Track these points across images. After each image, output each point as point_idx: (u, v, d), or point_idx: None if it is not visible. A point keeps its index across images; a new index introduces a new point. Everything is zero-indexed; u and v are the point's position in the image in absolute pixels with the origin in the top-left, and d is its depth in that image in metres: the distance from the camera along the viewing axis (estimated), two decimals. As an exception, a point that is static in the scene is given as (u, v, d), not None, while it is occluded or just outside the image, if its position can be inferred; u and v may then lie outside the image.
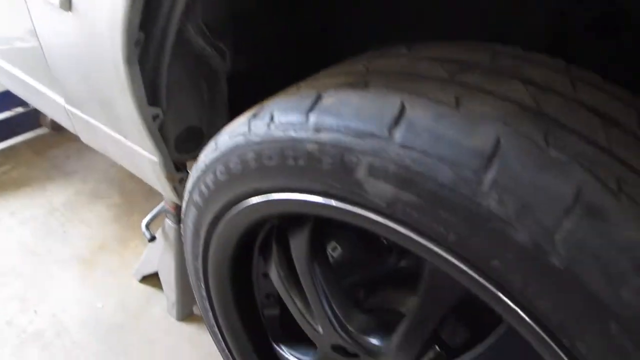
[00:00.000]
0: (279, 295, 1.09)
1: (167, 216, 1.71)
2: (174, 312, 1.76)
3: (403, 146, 0.58)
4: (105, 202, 2.29)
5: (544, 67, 0.66)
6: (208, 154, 0.88)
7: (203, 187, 0.90)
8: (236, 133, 0.80)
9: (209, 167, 0.87)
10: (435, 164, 0.55)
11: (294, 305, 0.96)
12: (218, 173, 0.85)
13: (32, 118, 2.66)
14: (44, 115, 2.67)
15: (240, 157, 0.79)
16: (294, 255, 0.92)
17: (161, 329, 1.72)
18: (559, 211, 0.51)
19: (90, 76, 1.11)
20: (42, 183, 2.41)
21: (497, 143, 0.53)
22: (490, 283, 0.58)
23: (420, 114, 0.58)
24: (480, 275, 0.58)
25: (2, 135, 2.56)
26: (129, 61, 0.93)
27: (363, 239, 0.98)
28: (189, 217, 1.02)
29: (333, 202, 0.69)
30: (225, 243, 0.98)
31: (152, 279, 1.88)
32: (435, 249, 0.60)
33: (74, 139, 2.77)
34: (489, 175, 0.53)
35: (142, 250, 1.96)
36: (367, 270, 0.96)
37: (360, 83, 0.67)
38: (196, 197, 0.96)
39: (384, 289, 0.91)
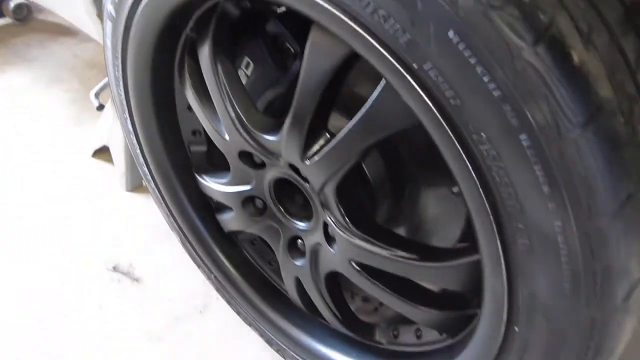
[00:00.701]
0: (203, 129, 1.11)
1: (116, 86, 1.71)
2: (124, 183, 1.79)
3: None
4: (63, 87, 2.29)
5: None
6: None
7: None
8: None
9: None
10: None
11: (206, 117, 0.98)
12: None
13: (-6, 7, 2.62)
14: (7, 5, 2.64)
15: None
16: (201, 60, 0.92)
17: (112, 200, 1.75)
18: None
19: None
20: (2, 67, 2.39)
21: None
22: (351, 19, 0.59)
23: None
24: (341, 12, 0.59)
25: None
26: None
27: (272, 52, 0.98)
28: (107, 36, 1.02)
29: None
30: (141, 57, 0.98)
31: (105, 155, 1.89)
32: None
33: (36, 29, 2.76)
34: None
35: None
36: (277, 80, 0.97)
37: None
38: (109, 8, 0.96)
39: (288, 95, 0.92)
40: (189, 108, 1.11)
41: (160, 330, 1.33)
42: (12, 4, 2.64)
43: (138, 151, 1.18)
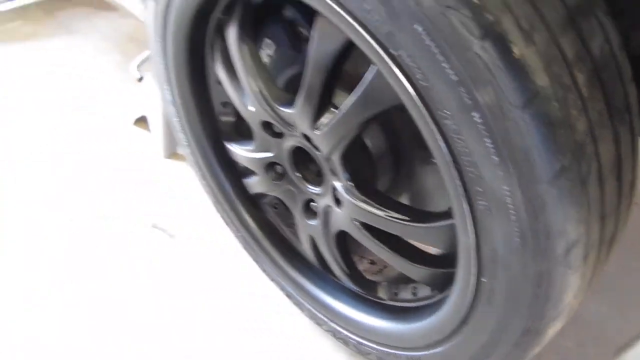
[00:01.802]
0: (231, 104, 1.27)
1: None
2: (161, 149, 1.98)
3: None
4: (105, 58, 2.49)
5: None
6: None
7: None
8: None
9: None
10: None
11: (234, 91, 1.14)
12: None
13: (42, -21, 2.83)
14: (53, -23, 2.85)
15: None
16: (229, 42, 1.08)
17: (147, 163, 1.95)
18: None
19: None
20: (49, 38, 2.61)
21: None
22: (344, 10, 0.73)
23: None
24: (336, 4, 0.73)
25: (14, -7, 2.74)
26: None
27: (289, 36, 1.13)
28: (150, 14, 1.18)
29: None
30: (178, 34, 1.14)
31: (142, 122, 2.09)
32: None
33: (81, 3, 2.96)
34: None
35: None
36: (294, 60, 1.12)
37: None
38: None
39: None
40: (219, 82, 1.27)
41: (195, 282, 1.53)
42: (60, -23, 2.84)
43: (176, 119, 1.35)
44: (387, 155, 1.03)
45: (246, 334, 1.41)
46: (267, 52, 1.16)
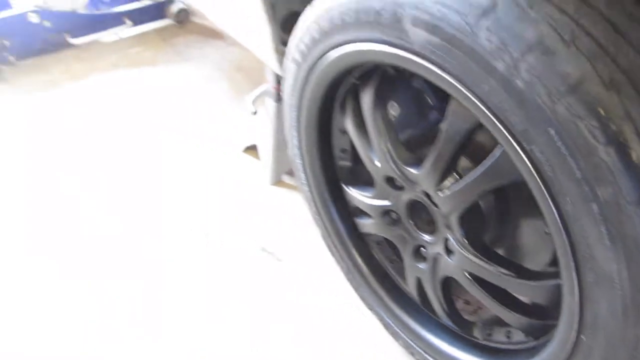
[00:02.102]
0: (350, 149, 1.46)
1: (268, 95, 2.10)
2: (268, 177, 2.19)
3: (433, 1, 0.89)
4: (216, 86, 2.74)
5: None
6: (307, 18, 1.23)
7: (302, 45, 1.26)
8: None
9: (308, 28, 1.22)
10: (450, 13, 0.86)
11: (362, 146, 1.32)
12: (313, 32, 1.20)
13: (160, 10, 3.14)
14: (170, 8, 3.14)
15: (330, 17, 1.13)
16: (363, 105, 1.26)
17: (255, 189, 2.17)
18: (524, 48, 0.81)
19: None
20: (165, 64, 2.90)
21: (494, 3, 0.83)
22: (483, 105, 0.90)
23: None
24: (476, 98, 0.90)
25: (136, 22, 3.05)
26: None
27: (414, 101, 1.30)
28: (289, 73, 1.39)
29: (388, 48, 1.02)
30: (315, 93, 1.34)
31: (253, 151, 2.31)
32: (449, 78, 0.92)
33: (193, 31, 3.25)
34: (484, 23, 0.83)
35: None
36: (416, 123, 1.29)
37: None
38: (296, 55, 1.32)
39: (427, 137, 1.24)
40: (342, 131, 1.45)
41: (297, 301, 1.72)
42: (175, 8, 3.13)
43: (299, 161, 1.55)
44: (498, 216, 1.18)
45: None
46: (392, 113, 1.34)
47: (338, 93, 1.36)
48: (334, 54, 1.19)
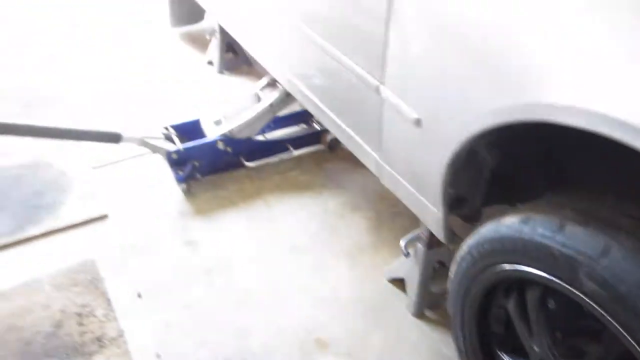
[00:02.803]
0: (504, 319, 1.83)
1: (420, 241, 2.51)
2: (412, 309, 2.58)
3: (604, 267, 1.27)
4: (362, 214, 3.20)
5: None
6: (486, 233, 1.64)
7: (482, 249, 1.67)
8: (508, 227, 1.55)
9: (480, 242, 1.64)
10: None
11: (523, 330, 1.68)
12: (481, 249, 1.62)
13: (317, 137, 3.68)
14: (325, 137, 3.67)
15: (505, 242, 1.54)
16: (528, 303, 1.64)
17: (399, 318, 2.56)
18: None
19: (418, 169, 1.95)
20: (320, 189, 3.39)
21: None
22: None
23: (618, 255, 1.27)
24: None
25: (296, 147, 3.60)
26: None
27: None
28: (461, 265, 1.79)
29: (558, 281, 1.41)
30: (482, 286, 1.74)
31: (397, 282, 2.72)
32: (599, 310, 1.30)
33: (344, 158, 3.73)
34: None
35: (388, 257, 2.84)
36: (569, 320, 1.65)
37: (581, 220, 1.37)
38: (475, 253, 1.73)
39: (580, 334, 1.58)
40: (500, 307, 1.82)
41: None
42: (329, 137, 3.66)
43: (461, 335, 1.94)
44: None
45: None
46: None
47: (500, 286, 1.75)
48: (508, 267, 1.59)
